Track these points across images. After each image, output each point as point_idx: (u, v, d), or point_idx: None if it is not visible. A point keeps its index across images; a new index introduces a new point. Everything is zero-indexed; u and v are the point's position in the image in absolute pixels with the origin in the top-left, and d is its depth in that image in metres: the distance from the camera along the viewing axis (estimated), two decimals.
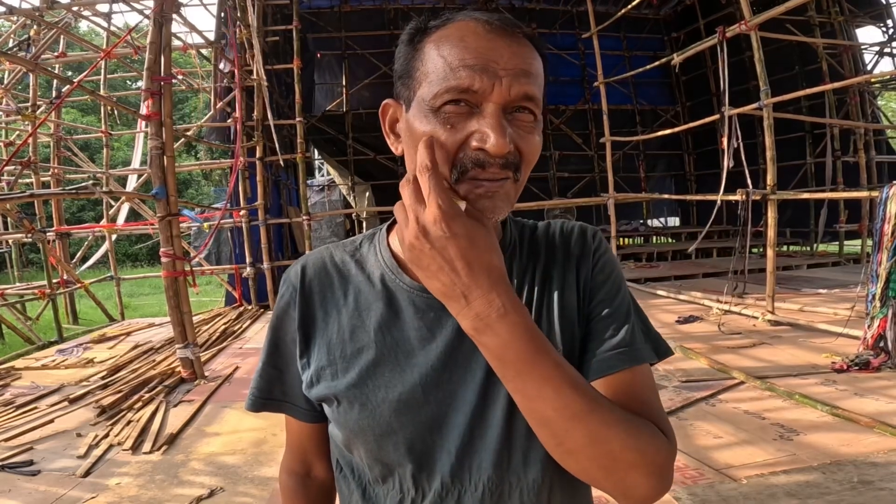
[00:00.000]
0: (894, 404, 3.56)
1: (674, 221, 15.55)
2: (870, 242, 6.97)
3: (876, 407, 3.53)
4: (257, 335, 6.73)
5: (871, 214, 8.42)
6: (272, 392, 0.83)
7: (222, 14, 8.56)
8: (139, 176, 8.47)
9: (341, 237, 15.25)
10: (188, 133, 8.82)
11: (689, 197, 11.54)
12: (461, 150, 0.66)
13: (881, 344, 4.27)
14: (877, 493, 2.55)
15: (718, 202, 6.44)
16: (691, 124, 8.66)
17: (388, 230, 0.83)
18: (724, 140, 6.60)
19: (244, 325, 7.23)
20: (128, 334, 7.11)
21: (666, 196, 12.17)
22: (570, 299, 0.76)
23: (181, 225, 5.14)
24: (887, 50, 11.38)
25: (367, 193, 13.54)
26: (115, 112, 9.71)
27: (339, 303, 0.78)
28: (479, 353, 0.69)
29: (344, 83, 13.54)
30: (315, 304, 0.79)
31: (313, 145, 13.83)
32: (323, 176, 16.56)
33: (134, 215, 9.83)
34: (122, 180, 9.20)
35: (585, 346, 0.75)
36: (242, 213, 8.46)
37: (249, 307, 8.44)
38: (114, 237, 9.40)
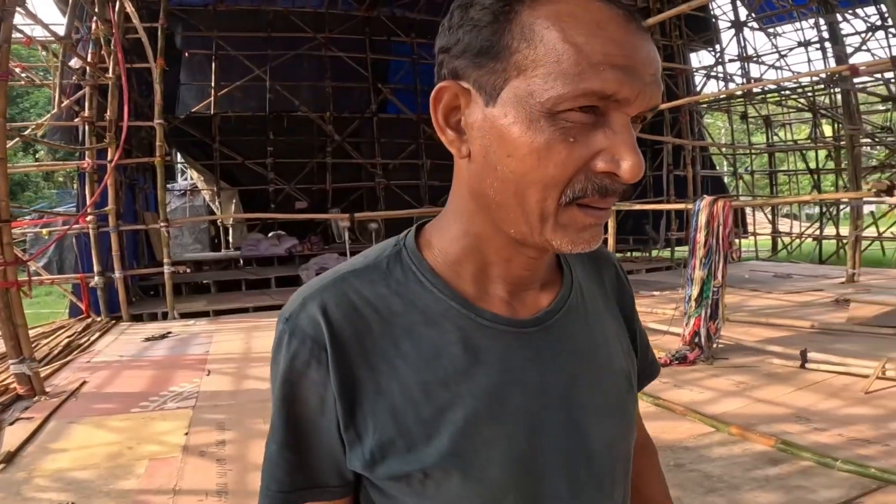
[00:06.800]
0: (705, 394, 4.04)
1: None
2: None
3: (690, 397, 3.97)
4: (108, 348, 6.27)
5: (687, 224, 9.59)
6: (294, 482, 0.62)
7: (76, 9, 7.88)
8: None
9: (205, 244, 14.40)
10: (26, 133, 8.01)
11: None
12: (581, 170, 0.53)
13: (696, 340, 4.84)
14: (687, 474, 2.88)
15: None
16: None
17: (417, 244, 0.65)
18: None
19: (92, 338, 6.70)
20: None
21: None
22: (619, 321, 0.76)
23: (15, 231, 4.71)
24: (713, 73, 12.96)
25: (234, 199, 13.03)
26: None
27: (389, 353, 0.60)
28: (575, 389, 0.64)
29: (213, 84, 12.93)
30: (353, 360, 0.59)
31: (176, 148, 13.07)
32: (185, 180, 15.66)
33: None
34: None
35: None
36: (90, 218, 7.80)
37: (98, 318, 7.82)
38: None
